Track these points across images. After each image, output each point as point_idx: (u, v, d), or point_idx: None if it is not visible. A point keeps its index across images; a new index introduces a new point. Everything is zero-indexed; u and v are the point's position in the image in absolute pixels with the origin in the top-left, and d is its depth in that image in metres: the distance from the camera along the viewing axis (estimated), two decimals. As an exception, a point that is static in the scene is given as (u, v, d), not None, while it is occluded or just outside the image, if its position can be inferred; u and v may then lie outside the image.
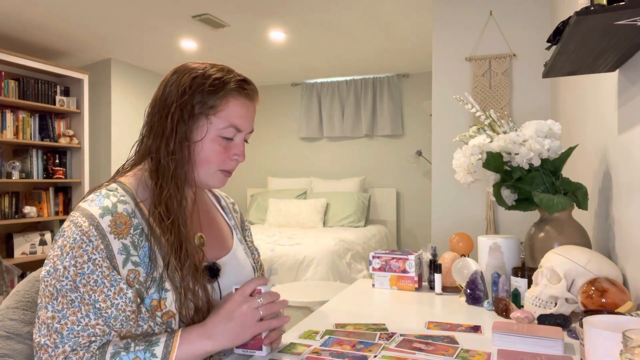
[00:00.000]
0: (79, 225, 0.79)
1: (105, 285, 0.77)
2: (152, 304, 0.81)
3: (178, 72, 0.91)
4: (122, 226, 0.82)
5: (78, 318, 0.75)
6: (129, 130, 4.88)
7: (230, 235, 1.05)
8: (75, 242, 0.78)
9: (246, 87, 0.92)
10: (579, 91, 1.78)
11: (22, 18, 3.50)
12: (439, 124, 2.93)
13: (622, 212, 1.15)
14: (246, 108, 0.92)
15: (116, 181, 0.90)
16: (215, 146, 0.90)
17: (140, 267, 0.82)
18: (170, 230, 0.84)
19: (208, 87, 0.88)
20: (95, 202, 0.83)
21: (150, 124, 0.91)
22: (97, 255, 0.78)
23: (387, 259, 1.44)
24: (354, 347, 0.91)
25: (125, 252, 0.81)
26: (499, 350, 0.87)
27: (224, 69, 0.93)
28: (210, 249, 0.97)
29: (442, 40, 2.92)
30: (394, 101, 5.22)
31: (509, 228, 2.74)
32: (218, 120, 0.89)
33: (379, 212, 5.23)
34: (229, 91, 0.89)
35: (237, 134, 0.92)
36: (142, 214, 0.86)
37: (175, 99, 0.88)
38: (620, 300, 0.91)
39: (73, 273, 0.76)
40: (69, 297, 0.76)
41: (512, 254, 1.31)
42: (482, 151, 1.32)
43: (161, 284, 0.82)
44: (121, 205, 0.83)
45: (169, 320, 0.82)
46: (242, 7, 3.36)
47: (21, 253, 3.86)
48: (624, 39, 0.93)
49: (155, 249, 0.84)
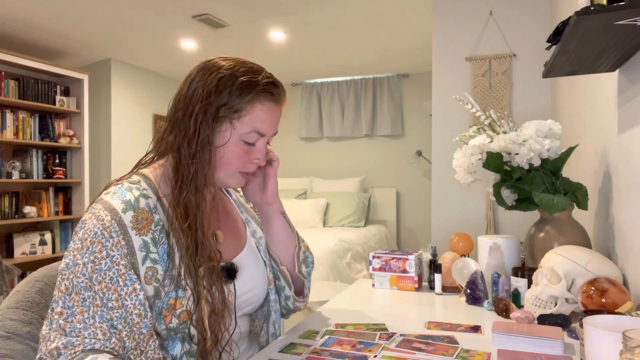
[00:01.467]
0: (100, 218, 0.79)
1: (119, 284, 0.77)
2: (169, 302, 0.81)
3: (205, 69, 0.88)
4: (143, 222, 0.81)
5: (84, 318, 0.75)
6: (129, 130, 4.88)
7: (244, 229, 1.04)
8: (96, 236, 0.77)
9: (274, 90, 0.89)
10: (579, 91, 1.78)
11: (22, 18, 3.50)
12: (439, 124, 2.93)
13: (622, 212, 1.15)
14: (272, 113, 0.90)
15: (138, 173, 0.89)
16: (237, 150, 0.88)
17: (159, 265, 0.81)
18: (188, 233, 0.83)
19: (235, 89, 0.85)
20: (117, 195, 0.82)
21: (173, 121, 0.88)
22: (116, 252, 0.77)
23: (387, 259, 1.44)
24: (354, 347, 0.91)
25: (145, 249, 0.80)
26: (499, 350, 0.87)
27: (252, 68, 0.89)
28: (226, 247, 0.96)
29: (442, 40, 2.92)
30: (394, 101, 5.22)
31: (509, 228, 2.74)
32: (241, 126, 0.87)
33: (379, 212, 5.23)
34: (256, 96, 0.86)
35: (260, 138, 0.90)
36: (164, 209, 0.85)
37: (200, 99, 0.85)
38: (620, 300, 0.91)
39: (90, 270, 0.76)
40: (82, 295, 0.76)
41: (512, 254, 1.31)
42: (482, 151, 1.32)
43: (178, 283, 0.82)
44: (143, 200, 0.83)
45: (185, 320, 0.82)
46: (242, 7, 3.36)
47: (21, 253, 3.86)
48: (624, 39, 0.93)
49: (174, 247, 0.83)
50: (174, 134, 0.88)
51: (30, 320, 0.88)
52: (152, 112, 5.16)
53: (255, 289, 0.98)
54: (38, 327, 0.89)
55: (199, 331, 0.83)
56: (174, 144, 0.87)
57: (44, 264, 1.04)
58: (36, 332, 0.88)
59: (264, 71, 0.90)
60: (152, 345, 0.79)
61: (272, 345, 0.96)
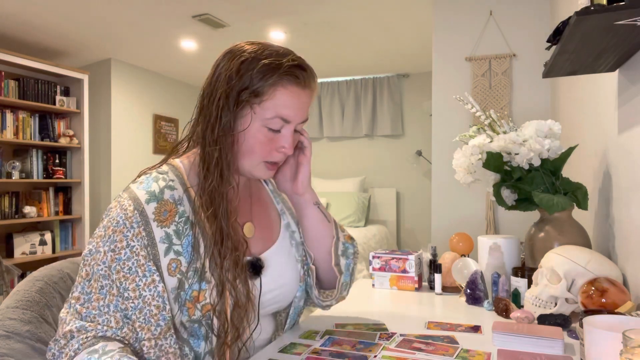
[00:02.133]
0: (124, 207, 0.79)
1: (137, 275, 0.77)
2: (192, 294, 0.80)
3: (230, 53, 0.87)
4: (166, 214, 0.80)
5: (99, 305, 0.76)
6: (129, 130, 4.88)
7: (278, 221, 1.00)
8: (118, 225, 0.78)
9: (299, 73, 0.84)
10: (579, 91, 1.78)
11: (22, 18, 3.50)
12: (439, 124, 2.93)
13: (622, 212, 1.15)
14: (297, 97, 0.84)
15: (168, 163, 0.89)
16: (260, 137, 0.84)
17: (182, 257, 0.80)
18: (213, 221, 0.82)
19: (256, 72, 0.82)
20: (143, 185, 0.82)
21: (200, 107, 0.87)
22: (136, 242, 0.78)
23: (387, 259, 1.43)
24: (354, 347, 0.91)
25: (167, 241, 0.80)
26: (499, 350, 0.87)
27: (278, 51, 0.85)
28: (256, 241, 0.93)
29: (442, 40, 2.92)
30: (394, 101, 5.22)
31: (509, 228, 2.74)
32: (263, 111, 0.83)
33: (379, 212, 5.23)
34: (279, 79, 0.82)
35: (284, 125, 0.85)
36: (190, 200, 0.84)
37: (222, 84, 0.83)
38: (620, 300, 0.91)
39: (110, 258, 0.77)
40: (100, 283, 0.76)
41: (512, 254, 1.31)
42: (482, 151, 1.32)
43: (202, 275, 0.81)
44: (168, 192, 0.82)
45: (208, 313, 0.81)
46: (242, 7, 3.36)
47: (21, 253, 3.86)
48: (624, 39, 0.93)
49: (200, 238, 0.82)
50: (200, 122, 0.87)
51: (30, 320, 0.88)
52: (152, 112, 5.16)
53: (283, 288, 0.94)
54: (38, 327, 0.89)
55: (221, 323, 0.82)
56: (200, 131, 0.86)
57: (44, 264, 1.04)
58: (36, 331, 0.88)
59: (290, 54, 0.86)
60: (169, 339, 0.79)
61: (272, 345, 0.95)
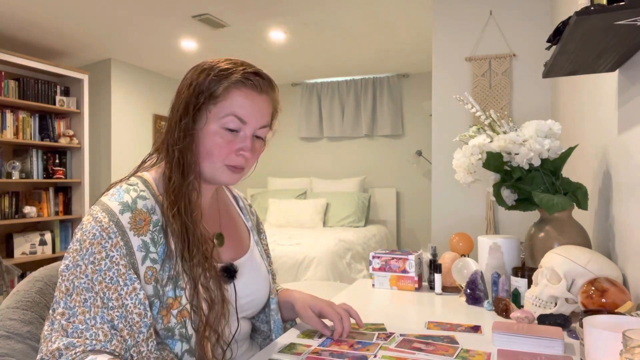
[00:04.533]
0: (98, 220, 0.79)
1: (119, 284, 0.77)
2: (167, 301, 0.81)
3: (195, 67, 0.91)
4: (141, 223, 0.82)
5: (85, 318, 0.75)
6: (129, 130, 4.88)
7: (247, 236, 1.05)
8: (95, 237, 0.78)
9: (254, 79, 0.89)
10: (579, 91, 1.78)
11: (22, 18, 3.50)
12: (439, 124, 2.93)
13: (622, 212, 1.15)
14: (251, 99, 0.88)
15: (137, 175, 0.90)
16: (217, 138, 0.87)
17: (158, 264, 0.82)
18: (177, 217, 0.84)
19: (213, 76, 0.87)
20: (115, 197, 0.83)
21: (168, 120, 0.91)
22: (115, 252, 0.78)
23: (387, 259, 1.43)
24: (352, 347, 0.91)
25: (144, 249, 0.81)
26: (499, 350, 0.87)
27: (237, 62, 0.90)
28: (227, 250, 0.97)
29: (442, 40, 2.92)
30: (394, 101, 5.22)
31: (509, 228, 2.74)
32: (218, 110, 0.87)
33: (379, 212, 5.23)
34: (233, 82, 0.87)
35: (242, 126, 0.88)
36: (162, 209, 0.86)
37: (184, 93, 0.88)
38: (620, 300, 0.91)
39: (91, 270, 0.77)
40: (83, 296, 0.76)
41: (512, 254, 1.31)
42: (482, 151, 1.32)
43: (177, 282, 0.82)
44: (141, 202, 0.84)
45: (183, 320, 0.82)
46: (242, 7, 3.36)
47: (21, 253, 3.86)
48: (624, 39, 0.93)
49: (172, 244, 0.84)
50: (165, 132, 0.90)
51: (30, 320, 0.88)
52: (152, 112, 5.16)
53: (255, 294, 0.99)
54: (38, 327, 0.89)
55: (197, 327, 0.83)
56: (164, 139, 0.90)
57: (44, 264, 1.04)
58: (36, 331, 0.88)
59: (251, 65, 0.91)
60: (150, 345, 0.79)
61: (272, 345, 0.96)
